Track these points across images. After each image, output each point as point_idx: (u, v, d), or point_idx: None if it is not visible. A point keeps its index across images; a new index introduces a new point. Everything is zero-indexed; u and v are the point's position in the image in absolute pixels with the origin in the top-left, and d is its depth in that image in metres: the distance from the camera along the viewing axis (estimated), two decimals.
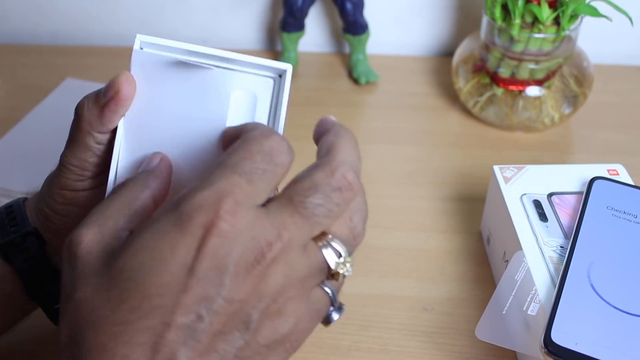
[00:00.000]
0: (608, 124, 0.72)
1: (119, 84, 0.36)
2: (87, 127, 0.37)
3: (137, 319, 0.28)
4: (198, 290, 0.28)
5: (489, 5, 0.67)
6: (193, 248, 0.28)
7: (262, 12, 0.85)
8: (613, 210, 0.49)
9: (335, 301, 0.33)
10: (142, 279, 0.28)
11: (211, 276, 0.28)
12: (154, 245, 0.29)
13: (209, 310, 0.28)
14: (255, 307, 0.29)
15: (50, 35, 0.89)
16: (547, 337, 0.41)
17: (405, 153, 0.69)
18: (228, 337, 0.29)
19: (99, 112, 0.37)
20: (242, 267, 0.29)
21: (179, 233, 0.28)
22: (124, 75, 0.36)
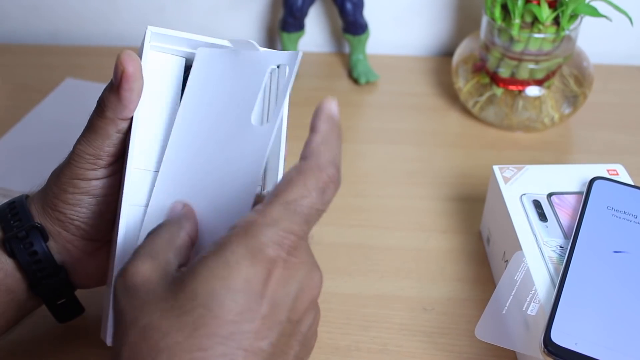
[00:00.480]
0: (608, 124, 0.72)
1: (123, 63, 0.38)
2: (111, 114, 0.39)
3: (215, 345, 0.28)
4: (270, 316, 0.30)
5: (489, 5, 0.67)
6: (263, 279, 0.30)
7: (262, 12, 0.85)
8: (613, 211, 0.49)
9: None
10: (217, 306, 0.29)
11: (281, 302, 0.31)
12: (226, 275, 0.30)
13: (279, 333, 0.31)
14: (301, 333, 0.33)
15: (50, 35, 0.89)
16: (547, 337, 0.41)
17: (405, 153, 0.69)
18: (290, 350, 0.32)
19: (116, 96, 0.38)
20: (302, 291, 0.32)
21: (250, 265, 0.30)
22: (124, 54, 0.38)
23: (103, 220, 0.42)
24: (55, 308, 0.44)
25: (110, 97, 0.39)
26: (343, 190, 0.63)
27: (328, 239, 0.59)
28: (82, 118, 0.42)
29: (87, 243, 0.43)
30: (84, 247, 0.43)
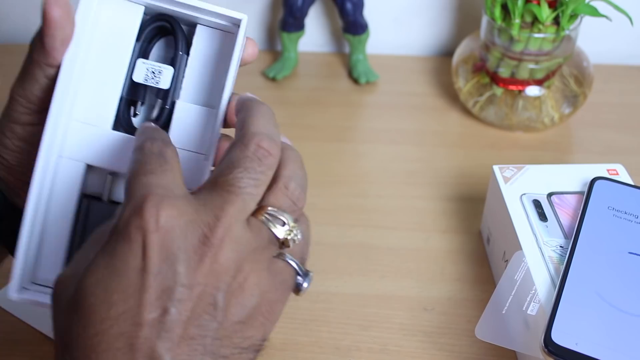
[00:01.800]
0: (608, 124, 0.72)
1: (46, 5, 0.36)
2: (37, 57, 0.37)
3: (109, 328, 0.29)
4: (156, 285, 0.29)
5: (489, 5, 0.67)
6: (139, 250, 0.30)
7: (262, 12, 0.85)
8: (614, 211, 0.49)
9: (301, 270, 0.34)
10: (103, 291, 0.30)
11: (164, 269, 0.30)
12: (107, 262, 0.30)
13: (172, 300, 0.29)
14: (217, 288, 0.30)
15: None
16: (548, 337, 0.41)
17: (405, 153, 0.69)
18: (199, 322, 0.30)
19: (40, 42, 0.37)
20: (191, 252, 0.30)
21: (122, 244, 0.30)
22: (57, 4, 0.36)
23: None
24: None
25: (37, 42, 0.37)
26: (343, 190, 0.64)
27: (328, 239, 0.59)
28: None
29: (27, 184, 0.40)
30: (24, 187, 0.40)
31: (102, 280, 0.30)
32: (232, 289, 0.31)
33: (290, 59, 0.81)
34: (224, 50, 0.41)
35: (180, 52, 0.41)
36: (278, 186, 0.34)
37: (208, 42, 0.41)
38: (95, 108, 0.40)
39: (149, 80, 0.40)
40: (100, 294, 0.30)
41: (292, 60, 0.81)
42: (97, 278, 0.30)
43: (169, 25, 0.41)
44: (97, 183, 0.41)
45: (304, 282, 0.34)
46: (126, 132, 0.41)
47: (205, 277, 0.30)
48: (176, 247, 0.30)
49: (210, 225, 0.31)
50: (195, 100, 0.41)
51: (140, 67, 0.40)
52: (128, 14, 0.40)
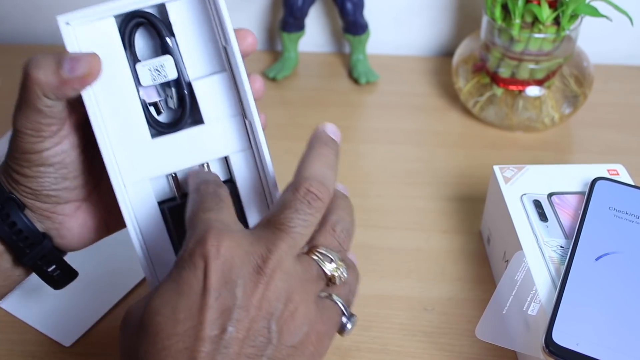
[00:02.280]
0: (608, 124, 0.72)
1: (95, 67, 0.38)
2: (39, 93, 0.37)
3: (175, 343, 0.32)
4: (216, 305, 0.32)
5: (489, 5, 0.67)
6: (201, 275, 0.33)
7: (262, 12, 0.85)
8: (615, 211, 0.49)
9: (347, 310, 0.37)
10: (169, 310, 0.33)
11: (224, 292, 0.32)
12: (172, 286, 0.33)
13: (231, 320, 0.32)
14: (270, 314, 0.33)
15: (50, 35, 0.89)
16: (549, 337, 0.41)
17: (405, 153, 0.69)
18: (255, 342, 0.33)
19: (58, 83, 0.37)
20: (247, 278, 0.33)
21: (187, 270, 0.33)
22: (97, 58, 0.38)
23: (70, 182, 0.41)
24: (47, 276, 0.43)
25: (50, 79, 0.37)
26: None
27: None
28: None
29: (62, 207, 0.42)
30: (61, 211, 0.42)
31: (169, 302, 0.33)
32: (284, 315, 0.33)
33: (290, 59, 0.81)
34: (205, 13, 0.41)
35: (167, 38, 0.41)
36: (326, 228, 0.37)
37: (185, 14, 0.41)
38: (127, 128, 0.41)
39: (156, 79, 0.41)
40: (167, 313, 0.32)
41: (292, 60, 0.81)
42: (164, 300, 0.33)
43: (144, 19, 0.41)
44: (162, 187, 0.43)
45: (348, 323, 0.37)
46: (162, 133, 0.42)
47: (259, 301, 0.33)
48: (234, 273, 0.33)
49: (263, 257, 0.34)
50: (204, 71, 0.42)
51: (142, 71, 0.41)
52: (104, 31, 0.40)
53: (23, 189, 0.41)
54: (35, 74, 0.37)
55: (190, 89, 0.42)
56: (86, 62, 0.37)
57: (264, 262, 0.33)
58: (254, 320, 0.33)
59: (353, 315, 0.38)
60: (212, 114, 0.42)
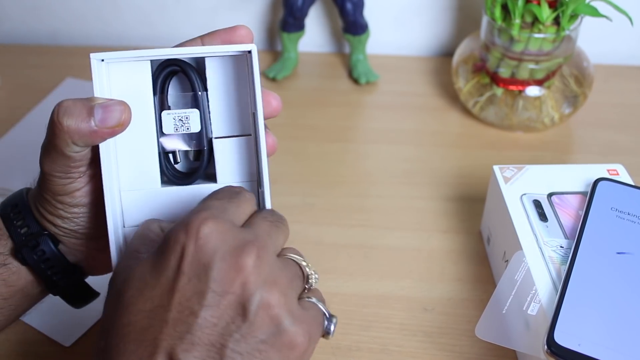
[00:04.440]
0: (608, 124, 0.72)
1: (126, 118, 0.38)
2: (68, 140, 0.37)
3: (140, 320, 0.31)
4: (189, 287, 0.31)
5: (489, 5, 0.67)
6: (178, 254, 0.32)
7: (262, 12, 0.85)
8: (617, 212, 0.49)
9: (327, 312, 0.37)
10: (142, 286, 0.32)
11: (199, 273, 0.32)
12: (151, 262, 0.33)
13: (202, 305, 0.31)
14: (249, 301, 0.32)
15: (50, 35, 0.89)
16: (550, 337, 0.41)
17: (405, 153, 0.69)
18: (225, 330, 0.31)
19: (88, 132, 0.37)
20: (229, 261, 0.32)
21: (166, 247, 0.33)
22: (128, 108, 0.38)
23: (102, 219, 0.41)
24: (73, 300, 0.44)
25: (81, 127, 0.37)
26: (344, 190, 0.64)
27: (329, 239, 0.59)
28: None
29: (96, 242, 0.43)
30: (95, 245, 0.43)
31: (143, 277, 0.32)
32: (262, 304, 0.32)
33: (290, 59, 0.81)
34: (239, 74, 0.41)
35: (198, 92, 0.41)
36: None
37: (221, 71, 0.41)
38: (139, 172, 0.41)
39: (179, 129, 0.41)
40: (139, 288, 0.32)
41: (292, 60, 0.81)
42: (139, 274, 0.33)
43: (179, 68, 0.41)
44: None
45: (330, 324, 0.36)
46: (174, 183, 0.42)
47: (238, 286, 0.32)
48: (212, 256, 0.32)
49: (247, 242, 0.33)
50: (228, 130, 0.42)
51: (167, 119, 0.41)
52: (137, 72, 0.40)
53: (61, 229, 0.41)
54: (65, 122, 0.36)
55: (211, 145, 0.41)
56: (118, 113, 0.37)
57: (248, 246, 0.32)
58: (228, 307, 0.31)
59: (333, 317, 0.37)
60: (226, 174, 0.41)
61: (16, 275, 0.41)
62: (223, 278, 0.31)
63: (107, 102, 0.37)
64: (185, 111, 0.41)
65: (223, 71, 0.41)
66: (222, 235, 0.32)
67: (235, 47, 0.39)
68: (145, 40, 0.86)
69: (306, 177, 0.65)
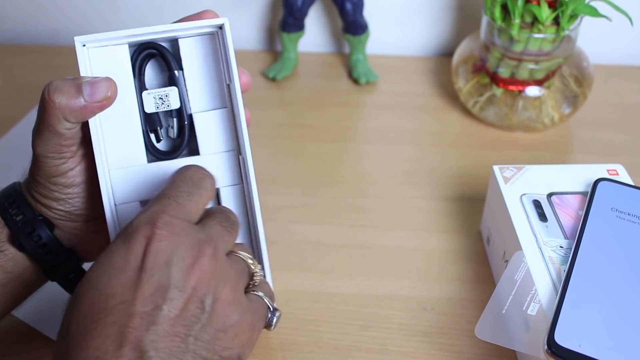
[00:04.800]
0: (608, 124, 0.72)
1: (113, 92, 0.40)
2: (61, 116, 0.39)
3: (105, 317, 0.33)
4: (152, 283, 0.33)
5: (489, 5, 0.67)
6: (140, 253, 0.34)
7: (262, 12, 0.85)
8: (617, 212, 0.49)
9: (271, 305, 0.41)
10: (103, 284, 0.33)
11: (161, 270, 0.34)
12: (109, 259, 0.34)
13: (165, 298, 0.33)
14: (205, 295, 0.35)
15: (50, 35, 0.89)
16: (551, 338, 0.41)
17: (405, 153, 0.69)
18: (186, 321, 0.34)
19: (79, 107, 0.39)
20: (187, 260, 0.35)
21: (127, 245, 0.34)
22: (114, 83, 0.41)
23: (97, 199, 0.43)
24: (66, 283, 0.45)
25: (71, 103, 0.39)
26: (343, 190, 0.64)
27: (328, 239, 0.59)
28: None
29: (91, 224, 0.44)
30: (89, 227, 0.44)
31: (103, 275, 0.34)
32: (218, 299, 0.35)
33: (290, 59, 0.81)
34: (213, 51, 0.43)
35: (175, 71, 0.43)
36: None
37: (195, 51, 0.43)
38: (125, 151, 0.43)
39: (160, 107, 0.43)
40: (101, 287, 0.33)
41: (292, 60, 0.81)
42: (99, 273, 0.34)
43: (156, 51, 0.43)
44: None
45: (273, 317, 0.42)
46: (158, 159, 0.44)
47: (197, 282, 0.34)
48: (174, 255, 0.34)
49: (205, 242, 0.36)
50: (206, 106, 0.44)
51: (147, 98, 0.43)
52: (117, 56, 0.42)
53: (56, 212, 0.42)
54: (56, 99, 0.39)
55: (191, 121, 0.44)
56: (105, 87, 0.40)
57: (206, 247, 0.35)
58: (189, 299, 0.34)
59: (277, 310, 0.42)
60: (208, 146, 0.44)
61: (13, 262, 0.42)
62: (183, 275, 0.34)
63: (93, 79, 0.40)
64: (164, 89, 0.43)
65: (197, 50, 0.43)
66: (180, 236, 0.35)
67: (208, 22, 0.42)
68: None
69: (305, 177, 0.65)
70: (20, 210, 0.42)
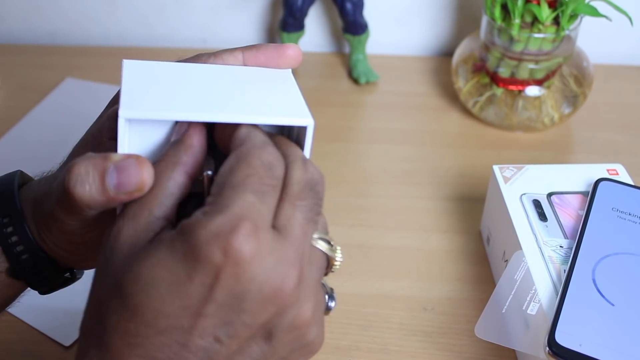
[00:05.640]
0: (608, 124, 0.72)
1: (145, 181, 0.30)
2: (83, 206, 0.32)
3: (154, 335, 0.28)
4: (217, 315, 0.28)
5: (489, 5, 0.67)
6: (211, 278, 0.27)
7: (262, 12, 0.85)
8: (618, 212, 0.49)
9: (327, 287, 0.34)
10: (156, 296, 0.28)
11: (233, 303, 0.28)
12: (170, 265, 0.28)
13: (228, 334, 0.28)
14: (276, 326, 0.29)
15: (49, 35, 0.89)
16: (551, 338, 0.41)
17: (405, 153, 0.69)
18: (246, 353, 0.29)
19: (102, 202, 0.31)
20: (266, 292, 0.28)
21: (196, 257, 0.27)
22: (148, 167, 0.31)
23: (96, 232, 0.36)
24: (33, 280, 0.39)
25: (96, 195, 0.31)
26: (343, 190, 0.64)
27: None
28: (82, 118, 0.41)
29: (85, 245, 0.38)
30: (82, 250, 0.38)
31: (159, 285, 0.28)
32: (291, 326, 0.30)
33: None
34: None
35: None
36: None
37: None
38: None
39: None
40: (154, 299, 0.28)
41: None
42: (154, 278, 0.28)
43: None
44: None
45: (331, 302, 0.34)
46: None
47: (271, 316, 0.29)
48: (251, 285, 0.28)
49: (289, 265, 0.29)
50: None
51: None
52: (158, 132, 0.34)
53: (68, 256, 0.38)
54: (77, 193, 0.31)
55: None
56: (135, 176, 0.30)
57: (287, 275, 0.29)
58: (255, 334, 0.29)
59: (332, 292, 0.34)
60: None
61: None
62: (256, 310, 0.28)
63: (122, 162, 0.31)
64: None
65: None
66: (262, 260, 0.28)
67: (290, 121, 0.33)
68: (144, 40, 0.86)
69: None
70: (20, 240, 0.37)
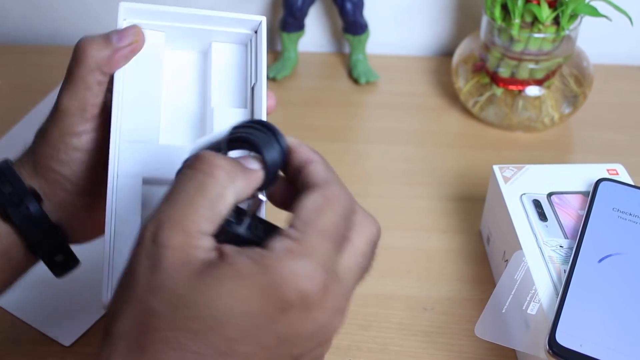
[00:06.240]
0: (608, 124, 0.72)
1: (140, 35, 0.42)
2: (94, 66, 0.40)
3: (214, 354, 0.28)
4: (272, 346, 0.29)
5: (489, 5, 0.67)
6: (281, 311, 0.28)
7: (262, 12, 0.85)
8: (619, 212, 0.49)
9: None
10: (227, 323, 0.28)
11: (292, 341, 0.29)
12: (247, 297, 0.28)
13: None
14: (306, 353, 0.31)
15: (49, 35, 0.89)
16: (552, 338, 0.41)
17: (405, 153, 0.69)
18: None
19: (110, 54, 0.40)
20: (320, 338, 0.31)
21: (273, 296, 0.28)
22: (140, 29, 0.42)
23: (97, 173, 0.42)
24: (53, 264, 0.44)
25: (103, 51, 0.40)
26: None
27: None
28: None
29: (82, 199, 0.43)
30: (80, 202, 0.43)
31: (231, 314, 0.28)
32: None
33: (290, 59, 0.81)
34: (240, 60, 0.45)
35: None
36: None
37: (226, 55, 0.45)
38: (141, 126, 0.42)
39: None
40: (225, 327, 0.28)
41: (292, 60, 0.81)
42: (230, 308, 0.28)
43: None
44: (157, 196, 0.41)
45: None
46: None
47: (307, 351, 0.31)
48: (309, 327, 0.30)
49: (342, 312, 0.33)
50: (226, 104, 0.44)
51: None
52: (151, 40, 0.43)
53: (51, 176, 0.42)
54: (88, 49, 0.40)
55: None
56: (131, 33, 0.41)
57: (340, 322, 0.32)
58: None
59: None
60: None
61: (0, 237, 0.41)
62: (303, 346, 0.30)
63: (119, 28, 0.42)
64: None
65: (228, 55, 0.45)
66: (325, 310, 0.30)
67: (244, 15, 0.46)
68: None
69: None
70: (10, 183, 0.41)
